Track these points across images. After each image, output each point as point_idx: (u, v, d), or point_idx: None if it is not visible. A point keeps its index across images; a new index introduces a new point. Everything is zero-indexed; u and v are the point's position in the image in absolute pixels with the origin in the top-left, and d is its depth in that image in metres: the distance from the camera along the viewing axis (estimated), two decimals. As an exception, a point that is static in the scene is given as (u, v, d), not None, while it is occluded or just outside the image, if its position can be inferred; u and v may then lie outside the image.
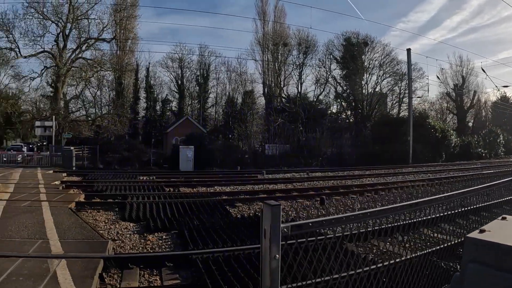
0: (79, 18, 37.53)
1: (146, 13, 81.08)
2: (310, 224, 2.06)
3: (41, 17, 36.15)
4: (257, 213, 9.93)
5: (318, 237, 2.25)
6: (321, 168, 26.22)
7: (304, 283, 2.17)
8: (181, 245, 7.33)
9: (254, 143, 34.56)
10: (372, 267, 2.66)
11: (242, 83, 47.15)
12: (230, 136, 38.11)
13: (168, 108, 47.97)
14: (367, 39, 44.90)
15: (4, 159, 25.57)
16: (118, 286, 5.18)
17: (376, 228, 2.61)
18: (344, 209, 11.18)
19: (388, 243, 3.56)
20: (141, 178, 18.32)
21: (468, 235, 2.19)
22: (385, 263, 2.83)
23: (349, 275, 2.41)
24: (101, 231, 7.91)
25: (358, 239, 2.45)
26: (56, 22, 37.02)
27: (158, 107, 46.99)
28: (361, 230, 2.52)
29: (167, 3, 74.98)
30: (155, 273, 5.73)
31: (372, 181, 18.34)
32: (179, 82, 47.10)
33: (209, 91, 48.25)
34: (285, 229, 1.94)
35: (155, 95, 46.72)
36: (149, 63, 49.03)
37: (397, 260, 2.86)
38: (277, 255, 1.89)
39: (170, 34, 79.66)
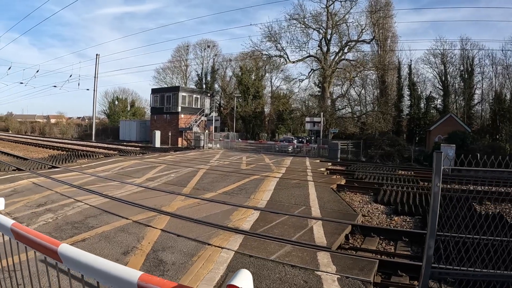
0: (338, 23, 40.67)
1: (402, 10, 77.42)
2: (468, 170, 3.04)
3: (303, 26, 41.63)
4: (501, 212, 8.66)
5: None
6: None
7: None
8: (420, 228, 7.72)
9: (520, 145, 27.85)
10: None
11: (509, 77, 38.58)
12: (497, 136, 32.21)
13: (432, 105, 44.83)
14: None
15: (277, 148, 30.46)
16: (359, 246, 6.34)
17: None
18: None
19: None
20: (400, 172, 18.68)
21: None
22: None
23: None
24: (354, 208, 9.26)
25: None
26: (317, 29, 41.73)
27: (422, 105, 44.82)
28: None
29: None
30: (391, 244, 6.56)
31: None
32: (443, 78, 43.16)
33: (474, 86, 41.71)
34: (447, 169, 3.06)
35: (419, 93, 44.73)
36: (410, 60, 47.63)
37: None
38: (438, 184, 3.07)
39: (431, 28, 72.34)
